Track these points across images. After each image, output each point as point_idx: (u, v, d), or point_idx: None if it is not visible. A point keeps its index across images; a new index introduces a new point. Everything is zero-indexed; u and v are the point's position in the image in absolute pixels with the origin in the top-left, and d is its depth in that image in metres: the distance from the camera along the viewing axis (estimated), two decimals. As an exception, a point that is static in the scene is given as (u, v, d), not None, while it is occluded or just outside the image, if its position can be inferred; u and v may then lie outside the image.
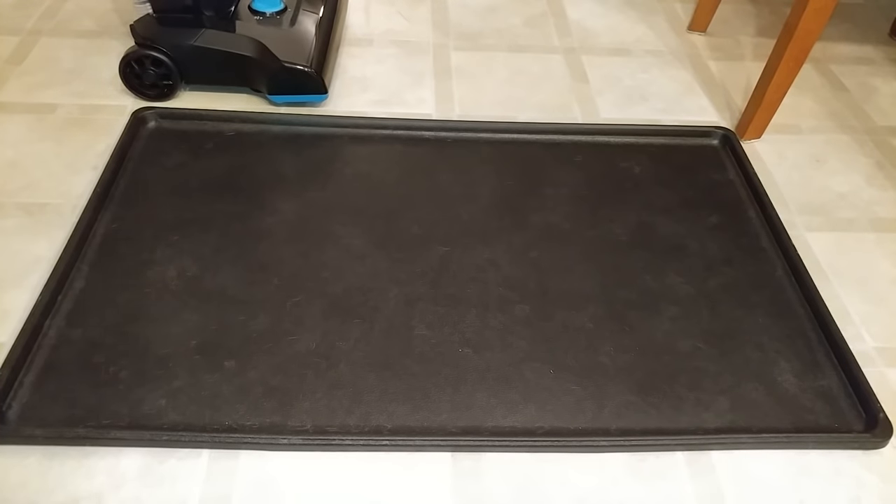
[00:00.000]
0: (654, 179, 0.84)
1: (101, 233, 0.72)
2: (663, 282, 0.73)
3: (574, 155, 0.87)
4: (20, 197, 0.76)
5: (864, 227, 0.82)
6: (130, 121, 0.84)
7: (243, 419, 0.59)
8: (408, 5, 1.12)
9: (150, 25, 0.87)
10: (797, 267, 0.74)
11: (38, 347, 0.63)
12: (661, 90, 0.99)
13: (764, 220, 0.80)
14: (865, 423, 0.62)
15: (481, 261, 0.73)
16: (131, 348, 0.63)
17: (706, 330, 0.69)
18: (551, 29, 1.10)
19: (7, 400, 0.59)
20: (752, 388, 0.64)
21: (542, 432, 0.60)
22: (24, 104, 0.88)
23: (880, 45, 1.12)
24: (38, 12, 1.03)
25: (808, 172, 0.89)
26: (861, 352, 0.68)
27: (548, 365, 0.65)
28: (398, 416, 0.60)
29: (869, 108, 1.00)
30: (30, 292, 0.67)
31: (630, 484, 0.58)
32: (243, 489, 0.56)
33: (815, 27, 0.82)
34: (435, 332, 0.66)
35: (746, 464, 0.60)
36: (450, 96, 0.95)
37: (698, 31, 1.12)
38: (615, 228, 0.78)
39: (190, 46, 0.86)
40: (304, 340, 0.65)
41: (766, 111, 0.90)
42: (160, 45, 0.86)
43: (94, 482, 0.55)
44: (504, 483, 0.58)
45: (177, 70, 0.87)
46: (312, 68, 0.86)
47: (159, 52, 0.86)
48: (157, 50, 0.86)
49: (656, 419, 0.62)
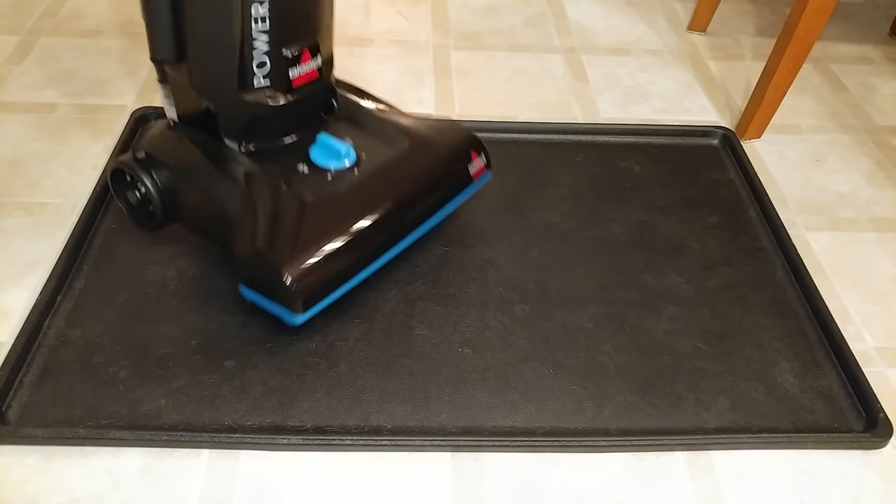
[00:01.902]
0: (654, 179, 0.84)
1: (101, 233, 0.72)
2: (663, 282, 0.73)
3: (574, 155, 0.87)
4: (20, 197, 0.76)
5: (864, 226, 0.82)
6: (130, 121, 0.84)
7: (243, 419, 0.59)
8: (408, 5, 1.12)
9: (161, 138, 0.68)
10: (797, 267, 0.74)
11: (37, 347, 0.63)
12: (661, 90, 0.99)
13: (764, 220, 0.80)
14: (865, 423, 0.62)
15: (481, 260, 0.73)
16: (131, 348, 0.63)
17: (706, 330, 0.69)
18: (551, 28, 1.10)
19: (7, 400, 0.59)
20: (752, 387, 0.64)
21: (542, 432, 0.60)
22: (24, 104, 0.88)
23: (880, 44, 1.12)
24: (38, 12, 1.03)
25: (808, 172, 0.89)
26: (861, 352, 0.68)
27: (548, 365, 0.65)
28: (398, 416, 0.60)
29: (869, 107, 1.00)
30: (30, 292, 0.67)
31: (630, 484, 0.58)
32: (243, 489, 0.56)
33: (815, 27, 0.82)
34: (435, 331, 0.66)
35: (746, 464, 0.60)
36: (450, 96, 0.95)
37: (698, 31, 1.12)
38: (615, 228, 0.78)
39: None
40: (304, 340, 0.65)
41: (766, 111, 0.90)
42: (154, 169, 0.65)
43: (94, 482, 0.55)
44: (504, 483, 0.58)
45: (160, 204, 0.65)
46: (289, 276, 0.58)
47: (150, 178, 0.64)
48: (149, 175, 0.64)
49: (656, 419, 0.62)
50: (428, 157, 0.69)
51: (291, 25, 0.62)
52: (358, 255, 0.63)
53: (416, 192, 0.67)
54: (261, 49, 0.61)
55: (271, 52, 0.62)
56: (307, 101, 0.66)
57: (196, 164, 0.65)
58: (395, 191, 0.65)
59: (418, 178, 0.67)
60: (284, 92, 0.64)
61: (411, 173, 0.67)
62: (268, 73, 0.63)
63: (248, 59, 0.61)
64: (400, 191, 0.66)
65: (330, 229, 0.62)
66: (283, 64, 0.63)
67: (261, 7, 0.59)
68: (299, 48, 0.63)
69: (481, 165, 0.72)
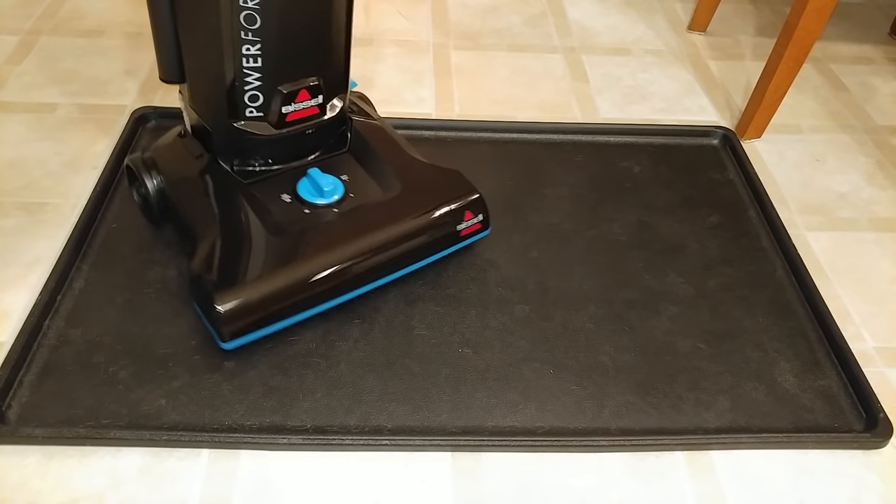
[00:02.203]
0: (653, 179, 0.84)
1: (101, 233, 0.72)
2: (663, 282, 0.73)
3: (574, 154, 0.87)
4: (20, 196, 0.76)
5: (864, 226, 0.82)
6: (130, 121, 0.84)
7: (243, 419, 0.59)
8: (408, 5, 1.12)
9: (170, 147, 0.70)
10: (797, 266, 0.74)
11: (37, 347, 0.63)
12: (661, 90, 0.99)
13: (764, 220, 0.80)
14: (865, 423, 0.62)
15: (481, 261, 0.73)
16: (131, 348, 0.63)
17: (706, 330, 0.69)
18: (551, 28, 1.10)
19: (6, 400, 0.59)
20: (752, 387, 0.64)
21: (542, 432, 0.60)
22: (24, 104, 0.88)
23: (880, 44, 1.12)
24: (38, 12, 1.03)
25: (808, 172, 0.89)
26: (861, 351, 0.68)
27: (548, 365, 0.65)
28: (398, 416, 0.60)
29: (869, 107, 1.00)
30: (29, 292, 0.67)
31: (630, 484, 0.58)
32: (243, 489, 0.56)
33: (815, 27, 0.82)
34: (435, 332, 0.66)
35: (746, 464, 0.60)
36: (450, 95, 0.95)
37: (698, 31, 1.12)
38: (615, 228, 0.78)
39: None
40: (304, 340, 0.65)
41: (766, 111, 0.90)
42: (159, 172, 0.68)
43: (94, 482, 0.55)
44: (504, 483, 0.58)
45: (155, 204, 0.68)
46: (222, 305, 0.58)
47: (149, 179, 0.68)
48: (149, 176, 0.68)
49: (656, 419, 0.62)
50: (414, 208, 0.67)
51: (286, 65, 0.62)
52: (302, 298, 0.62)
53: (388, 243, 0.65)
54: (253, 84, 0.62)
55: (264, 87, 0.62)
56: (305, 134, 0.66)
57: (187, 176, 0.67)
58: (365, 238, 0.64)
59: (395, 229, 0.66)
60: (276, 125, 0.64)
61: (390, 223, 0.66)
62: (260, 107, 0.63)
63: (239, 92, 0.62)
64: (370, 239, 0.64)
65: (279, 267, 0.61)
66: (276, 100, 0.63)
67: (252, 47, 0.59)
68: (296, 87, 0.63)
69: (475, 224, 0.70)
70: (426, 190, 0.69)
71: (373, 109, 0.78)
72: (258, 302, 0.60)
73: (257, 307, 0.60)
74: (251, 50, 0.59)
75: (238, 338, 0.61)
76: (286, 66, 0.62)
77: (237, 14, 0.57)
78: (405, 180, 0.69)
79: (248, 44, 0.59)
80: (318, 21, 0.62)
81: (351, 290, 0.65)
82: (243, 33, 0.58)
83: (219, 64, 0.60)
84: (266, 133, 0.64)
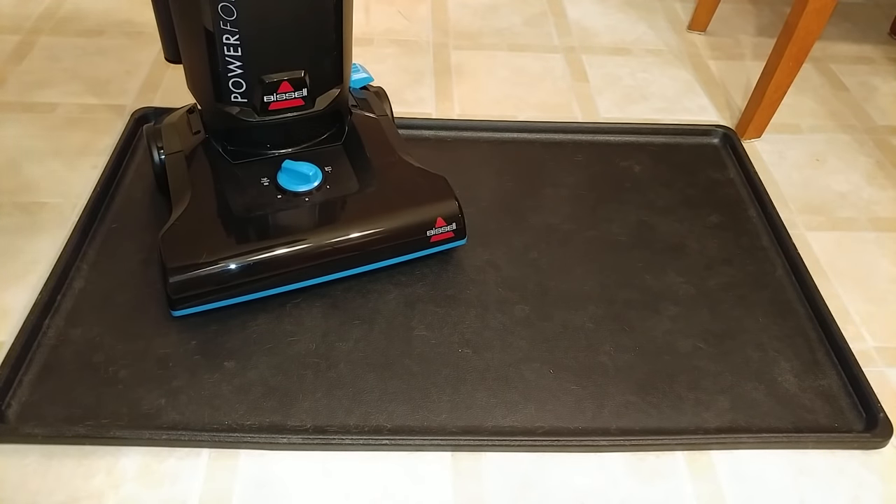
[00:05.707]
0: (654, 178, 0.84)
1: (101, 233, 0.72)
2: (663, 281, 0.73)
3: (574, 154, 0.87)
4: (20, 196, 0.76)
5: (864, 226, 0.82)
6: (130, 121, 0.84)
7: (243, 419, 0.59)
8: (408, 5, 1.12)
9: (175, 124, 0.73)
10: (797, 266, 0.74)
11: (37, 346, 0.63)
12: (661, 89, 0.99)
13: (764, 220, 0.80)
14: (865, 423, 0.62)
15: (481, 262, 0.73)
16: (131, 348, 0.63)
17: (706, 330, 0.69)
18: (551, 28, 1.10)
19: (6, 399, 0.59)
20: (752, 387, 0.64)
21: (542, 432, 0.60)
22: (23, 103, 0.88)
23: (880, 44, 1.12)
24: (38, 12, 1.03)
25: (808, 172, 0.89)
26: (861, 351, 0.68)
27: (548, 365, 0.65)
28: (398, 416, 0.60)
29: (869, 107, 1.00)
30: (29, 291, 0.67)
31: (630, 484, 0.58)
32: (243, 489, 0.56)
33: (815, 27, 0.82)
34: (435, 332, 0.66)
35: (746, 464, 0.60)
36: (449, 95, 0.95)
37: (698, 31, 1.12)
38: (615, 228, 0.78)
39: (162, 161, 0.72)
40: (304, 340, 0.65)
41: (767, 110, 0.90)
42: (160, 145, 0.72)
43: (94, 481, 0.55)
44: (504, 483, 0.58)
45: (158, 173, 0.73)
46: (172, 275, 0.62)
47: (155, 148, 0.72)
48: (155, 146, 0.72)
49: (656, 419, 0.62)
50: (382, 208, 0.68)
51: (268, 57, 0.63)
52: (252, 280, 0.64)
53: (348, 237, 0.66)
54: (235, 72, 0.63)
55: (245, 76, 0.63)
56: (296, 122, 0.67)
57: (181, 149, 0.71)
58: (324, 229, 0.66)
59: (358, 225, 0.66)
60: (260, 113, 0.65)
61: (354, 218, 0.67)
62: (244, 93, 0.64)
63: (223, 77, 0.63)
64: (330, 231, 0.66)
65: (235, 246, 0.64)
66: (259, 89, 0.64)
67: (231, 37, 0.61)
68: (278, 78, 0.64)
69: (448, 233, 0.70)
70: (402, 191, 0.69)
71: (386, 105, 0.79)
72: (207, 278, 0.63)
73: (206, 283, 0.63)
74: (230, 39, 0.61)
75: (184, 309, 0.64)
76: (267, 57, 0.63)
77: (215, 4, 0.59)
78: (385, 179, 0.70)
79: (227, 34, 0.61)
80: (302, 16, 0.63)
81: (306, 279, 0.67)
82: (222, 23, 0.60)
83: (203, 50, 0.62)
84: (251, 119, 0.65)
